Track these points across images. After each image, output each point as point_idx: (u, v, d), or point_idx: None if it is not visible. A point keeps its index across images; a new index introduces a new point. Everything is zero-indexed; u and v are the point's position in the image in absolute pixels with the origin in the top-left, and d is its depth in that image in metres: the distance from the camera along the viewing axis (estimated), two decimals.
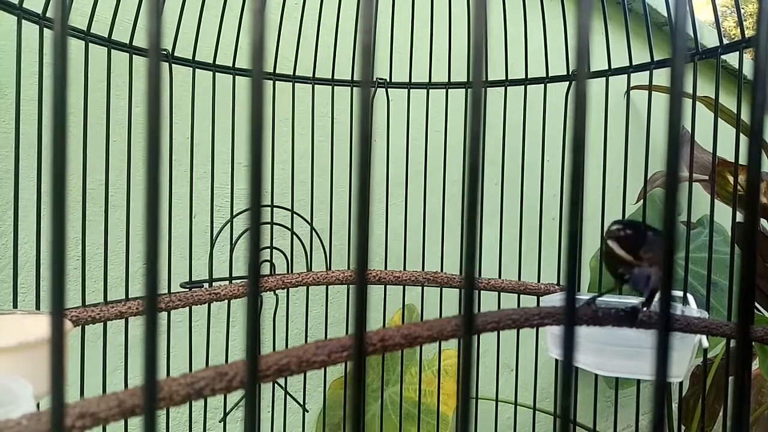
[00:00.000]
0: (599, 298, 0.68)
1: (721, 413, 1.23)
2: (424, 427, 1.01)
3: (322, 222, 0.96)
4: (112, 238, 0.75)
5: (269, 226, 0.91)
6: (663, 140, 0.17)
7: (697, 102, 0.72)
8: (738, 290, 0.31)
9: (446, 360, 1.05)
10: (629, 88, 0.80)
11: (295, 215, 0.90)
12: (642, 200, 0.90)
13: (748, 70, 0.56)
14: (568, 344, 0.18)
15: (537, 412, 0.90)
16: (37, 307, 0.65)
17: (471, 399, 0.19)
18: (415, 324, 0.37)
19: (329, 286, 0.93)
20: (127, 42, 0.72)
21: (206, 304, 0.79)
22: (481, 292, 0.79)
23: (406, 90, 0.94)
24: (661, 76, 0.65)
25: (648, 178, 0.78)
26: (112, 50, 0.71)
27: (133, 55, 0.73)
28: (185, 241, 0.81)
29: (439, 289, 0.88)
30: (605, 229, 0.44)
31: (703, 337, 0.54)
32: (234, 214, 0.84)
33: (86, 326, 0.66)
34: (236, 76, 0.84)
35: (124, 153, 0.71)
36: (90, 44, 0.69)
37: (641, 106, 0.86)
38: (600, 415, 0.89)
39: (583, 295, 0.71)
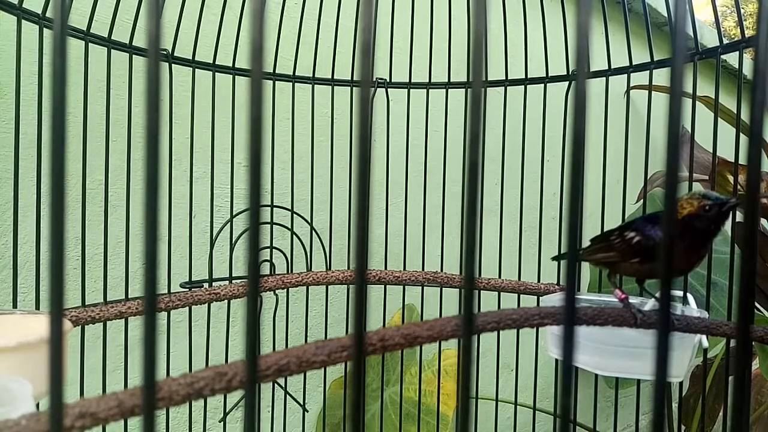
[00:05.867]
0: (598, 298, 0.68)
1: (721, 413, 1.23)
2: (424, 427, 1.01)
3: (322, 222, 0.95)
4: (112, 238, 0.75)
5: (269, 226, 0.91)
6: (663, 140, 0.17)
7: (697, 102, 0.72)
8: (738, 290, 0.31)
9: (446, 360, 1.05)
10: (629, 88, 0.80)
11: (295, 215, 0.90)
12: (642, 200, 0.90)
13: (748, 70, 0.56)
14: (568, 344, 0.18)
15: (537, 412, 0.90)
16: (37, 307, 0.65)
17: (471, 399, 0.19)
18: (415, 324, 0.37)
19: (329, 286, 0.93)
20: (127, 42, 0.72)
21: (206, 304, 0.79)
22: (481, 292, 0.79)
23: (406, 90, 0.94)
24: (661, 76, 0.65)
25: (648, 177, 0.78)
26: (112, 50, 0.71)
27: (133, 55, 0.73)
28: (185, 241, 0.81)
29: (439, 289, 0.88)
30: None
31: (703, 337, 0.54)
32: (234, 214, 0.84)
33: (86, 326, 0.66)
34: (236, 76, 0.84)
35: (124, 153, 0.71)
36: (90, 44, 0.69)
37: (641, 106, 0.86)
38: (600, 415, 0.89)
39: (583, 295, 0.71)
